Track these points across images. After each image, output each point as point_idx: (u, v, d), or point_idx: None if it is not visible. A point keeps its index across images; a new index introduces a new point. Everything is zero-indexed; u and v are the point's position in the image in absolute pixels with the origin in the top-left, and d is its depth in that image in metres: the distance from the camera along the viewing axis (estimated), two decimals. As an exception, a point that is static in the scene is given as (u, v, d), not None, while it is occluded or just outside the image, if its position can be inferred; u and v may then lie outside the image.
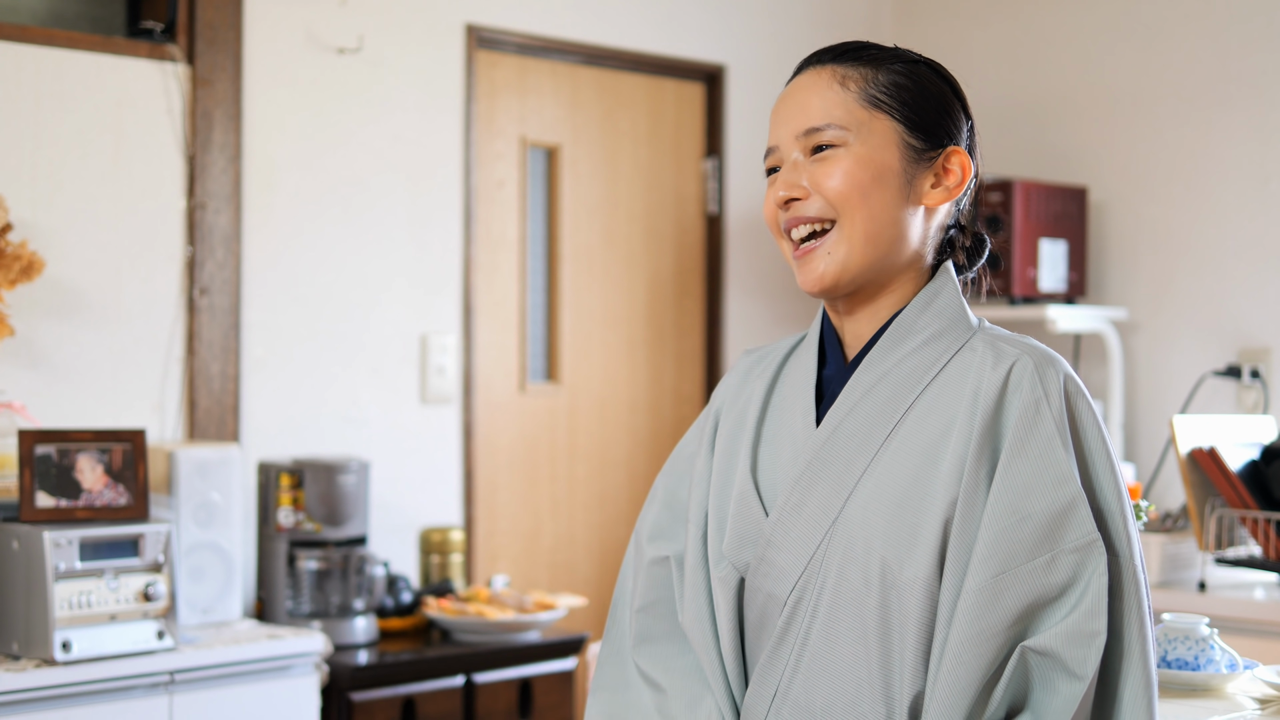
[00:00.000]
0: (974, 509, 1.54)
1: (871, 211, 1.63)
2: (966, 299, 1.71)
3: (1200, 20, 4.21)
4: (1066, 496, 1.53)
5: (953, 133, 1.68)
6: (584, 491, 4.25)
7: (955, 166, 1.67)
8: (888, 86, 1.65)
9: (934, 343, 1.64)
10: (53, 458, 2.90)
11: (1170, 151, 4.27)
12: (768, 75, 4.56)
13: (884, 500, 1.58)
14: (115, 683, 2.86)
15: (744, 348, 4.52)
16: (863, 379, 1.64)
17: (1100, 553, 1.52)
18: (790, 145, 1.67)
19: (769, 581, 1.64)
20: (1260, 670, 2.26)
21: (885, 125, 1.64)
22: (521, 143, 4.09)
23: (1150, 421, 4.27)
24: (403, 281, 3.83)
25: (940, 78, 1.70)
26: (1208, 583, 3.49)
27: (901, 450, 1.60)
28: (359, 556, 3.38)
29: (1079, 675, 1.50)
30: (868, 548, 1.57)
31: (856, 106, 1.64)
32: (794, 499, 1.63)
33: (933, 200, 1.66)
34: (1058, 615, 1.52)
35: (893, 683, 1.56)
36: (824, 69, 1.67)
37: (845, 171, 1.63)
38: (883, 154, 1.63)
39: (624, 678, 1.75)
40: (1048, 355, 1.61)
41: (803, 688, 1.61)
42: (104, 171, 3.37)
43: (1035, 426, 1.55)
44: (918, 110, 1.65)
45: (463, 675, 3.42)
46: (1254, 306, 4.10)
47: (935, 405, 1.60)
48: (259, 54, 3.59)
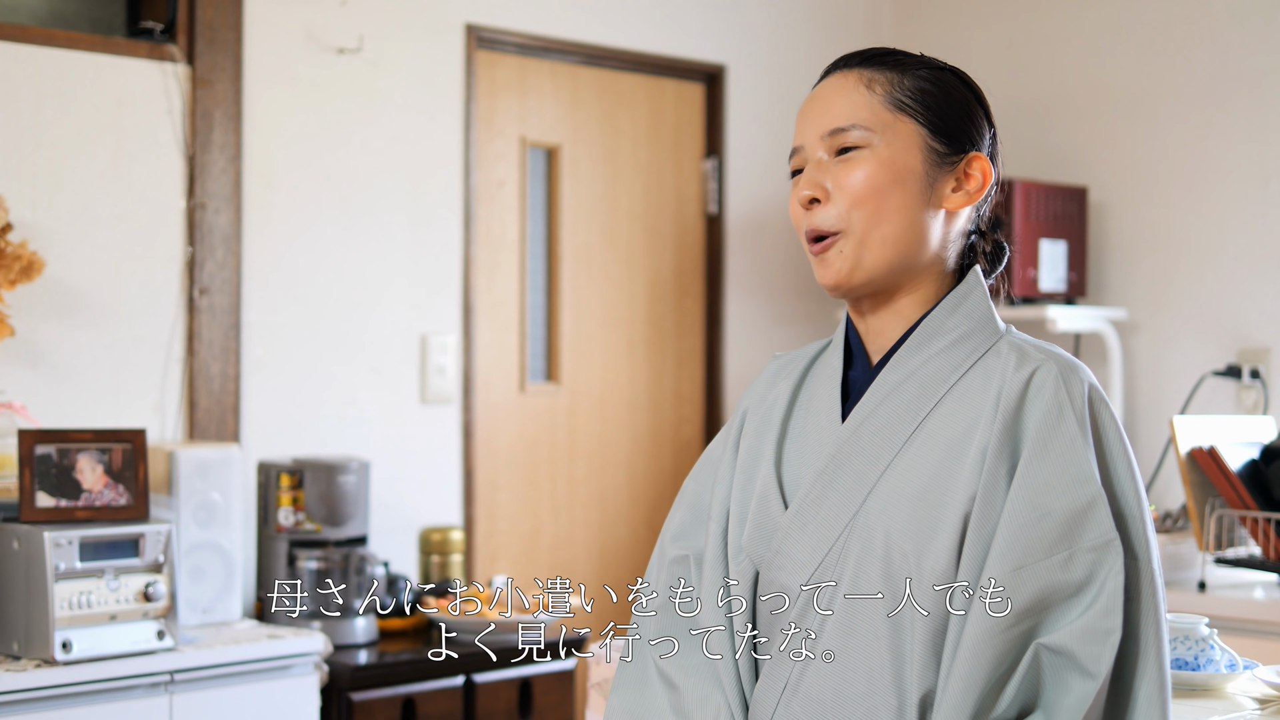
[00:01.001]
0: (992, 504, 1.56)
1: (890, 214, 1.65)
2: (998, 300, 1.74)
3: (1200, 20, 4.21)
4: (1087, 496, 1.55)
5: (975, 138, 1.71)
6: (584, 491, 4.25)
7: (976, 171, 1.70)
8: (913, 91, 1.68)
9: (961, 344, 1.67)
10: (53, 458, 2.90)
11: (1170, 151, 4.27)
12: (768, 75, 4.56)
13: (906, 494, 1.60)
14: (115, 683, 2.86)
15: (744, 348, 4.53)
16: (889, 377, 1.67)
17: (1117, 552, 1.54)
18: (815, 145, 1.69)
19: (783, 574, 1.66)
20: (1260, 670, 2.26)
21: (909, 128, 1.67)
22: (521, 143, 4.09)
23: (1150, 421, 4.27)
24: (403, 281, 3.83)
25: (965, 85, 1.73)
26: (1208, 583, 3.50)
27: (925, 447, 1.62)
28: (359, 556, 3.38)
29: (1092, 674, 1.52)
30: (887, 540, 1.60)
31: (881, 109, 1.67)
32: (815, 492, 1.65)
33: (953, 204, 1.69)
34: (1073, 613, 1.53)
35: (904, 675, 1.58)
36: (850, 72, 1.70)
37: (868, 173, 1.65)
38: (905, 156, 1.66)
39: (643, 675, 1.77)
40: (1072, 363, 1.64)
41: (814, 681, 1.62)
42: (104, 171, 3.37)
43: (1059, 427, 1.57)
44: (941, 115, 1.68)
45: (463, 675, 3.42)
46: (1254, 306, 4.10)
47: (960, 405, 1.63)
48: (259, 54, 3.59)
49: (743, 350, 4.52)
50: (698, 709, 1.70)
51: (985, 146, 1.72)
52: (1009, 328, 1.71)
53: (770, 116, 4.56)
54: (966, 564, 1.55)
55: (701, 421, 4.51)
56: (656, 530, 4.39)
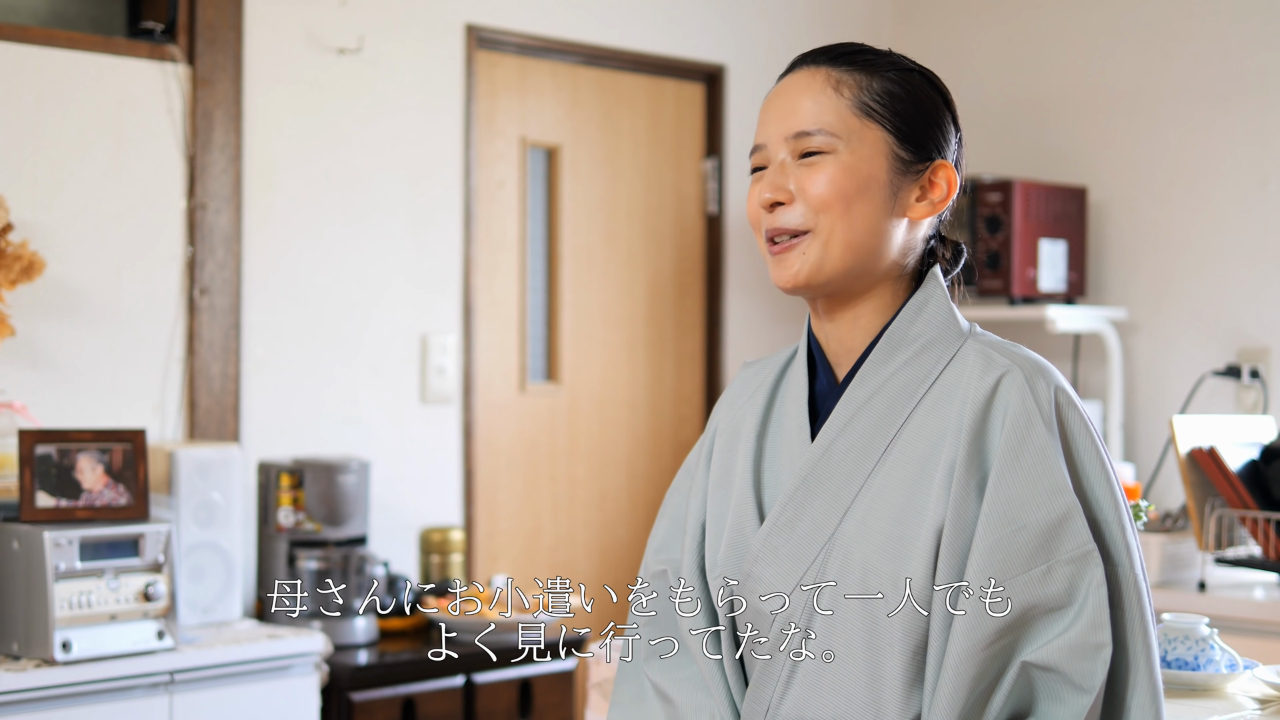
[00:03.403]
0: (964, 519, 1.54)
1: (853, 221, 1.61)
2: (955, 301, 1.70)
3: (1200, 20, 4.21)
4: (1061, 507, 1.53)
5: (941, 146, 1.67)
6: (584, 491, 4.25)
7: (941, 180, 1.66)
8: (881, 95, 1.63)
9: (926, 353, 1.63)
10: (53, 458, 2.90)
11: (1170, 151, 4.27)
12: (768, 75, 4.56)
13: (881, 515, 1.58)
14: (115, 683, 2.86)
15: (744, 348, 4.53)
16: (857, 393, 1.64)
17: (1096, 563, 1.52)
18: (778, 146, 1.65)
19: (753, 597, 1.63)
20: (1260, 670, 2.26)
21: (876, 135, 1.63)
22: (521, 143, 4.10)
23: (1150, 421, 4.27)
24: (403, 281, 3.83)
25: (933, 88, 1.68)
26: (1207, 583, 3.50)
27: (898, 465, 1.59)
28: (359, 556, 3.38)
29: (1085, 689, 1.51)
30: (865, 562, 1.57)
31: (849, 114, 1.63)
32: (787, 515, 1.63)
33: (917, 214, 1.65)
34: (1056, 628, 1.52)
35: (883, 698, 1.56)
36: (818, 70, 1.65)
37: (831, 179, 1.61)
38: (870, 164, 1.62)
39: (639, 691, 1.77)
40: (1039, 365, 1.60)
41: (793, 704, 1.61)
42: (104, 172, 3.37)
43: (1028, 438, 1.55)
44: (909, 121, 1.64)
45: (463, 675, 3.42)
46: (1254, 306, 4.10)
47: (929, 419, 1.60)
48: (259, 54, 3.59)
49: (743, 350, 4.52)
50: (693, 716, 1.69)
51: (951, 153, 1.68)
52: (972, 326, 1.68)
53: (770, 116, 4.56)
54: (941, 580, 1.53)
55: (701, 421, 4.51)
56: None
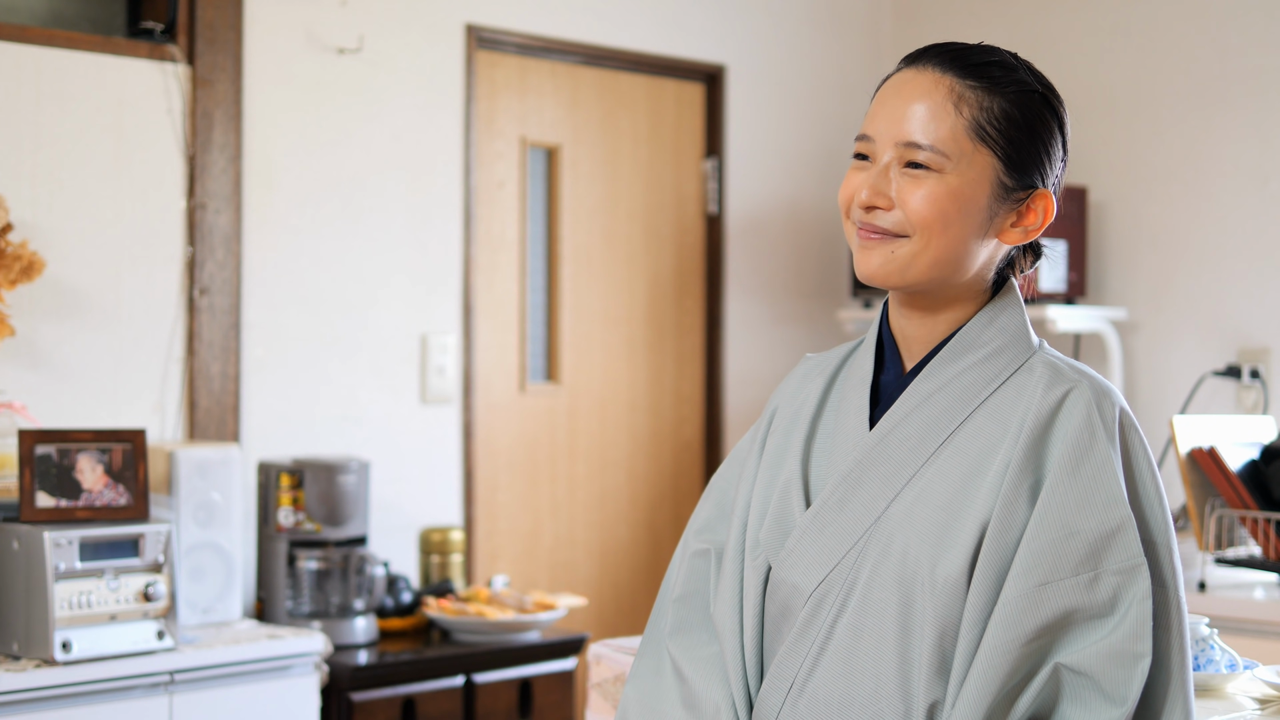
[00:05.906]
0: (1011, 519, 1.56)
1: (948, 240, 1.63)
2: (1025, 296, 1.74)
3: (1200, 20, 4.21)
4: (1116, 519, 1.55)
5: (1045, 174, 1.67)
6: (584, 491, 4.25)
7: (1039, 209, 1.67)
8: (999, 119, 1.63)
9: (994, 359, 1.66)
10: (53, 458, 2.90)
11: (1170, 151, 4.27)
12: (768, 75, 4.56)
13: (928, 504, 1.61)
14: (115, 683, 2.86)
15: (744, 348, 4.53)
16: (922, 386, 1.66)
17: (1144, 577, 1.54)
18: (886, 146, 1.64)
19: (795, 573, 1.66)
20: (1260, 670, 2.26)
21: (985, 160, 1.62)
22: (521, 143, 4.09)
23: (1150, 421, 4.27)
24: (403, 281, 3.83)
25: (1051, 111, 1.68)
26: (1208, 583, 3.50)
27: (952, 460, 1.62)
28: (359, 556, 3.38)
29: (1118, 699, 1.52)
30: (905, 547, 1.60)
31: (963, 135, 1.62)
32: (837, 495, 1.65)
33: (1009, 239, 1.67)
34: (1096, 634, 1.54)
35: (911, 680, 1.59)
36: (943, 78, 1.63)
37: (934, 199, 1.61)
38: (974, 188, 1.62)
39: (658, 665, 1.78)
40: (1105, 387, 1.63)
41: (821, 681, 1.63)
42: (104, 171, 3.37)
43: (1091, 449, 1.58)
44: (1020, 149, 1.64)
45: (463, 675, 3.42)
46: (1253, 306, 4.10)
47: (989, 421, 1.63)
48: (259, 54, 3.59)
49: (743, 350, 4.52)
50: (704, 701, 1.71)
51: (1052, 180, 1.68)
52: (1042, 343, 1.70)
53: (770, 117, 4.57)
54: (980, 576, 1.56)
55: (701, 421, 4.51)
56: (656, 530, 4.39)
